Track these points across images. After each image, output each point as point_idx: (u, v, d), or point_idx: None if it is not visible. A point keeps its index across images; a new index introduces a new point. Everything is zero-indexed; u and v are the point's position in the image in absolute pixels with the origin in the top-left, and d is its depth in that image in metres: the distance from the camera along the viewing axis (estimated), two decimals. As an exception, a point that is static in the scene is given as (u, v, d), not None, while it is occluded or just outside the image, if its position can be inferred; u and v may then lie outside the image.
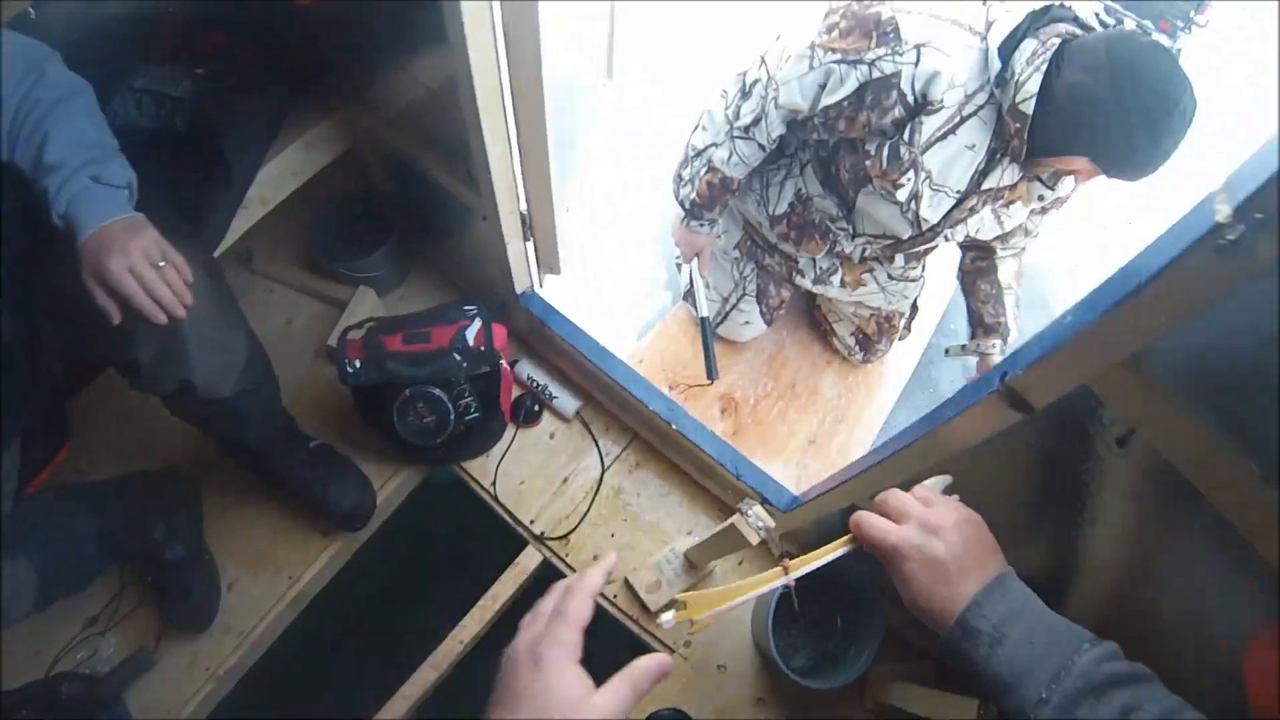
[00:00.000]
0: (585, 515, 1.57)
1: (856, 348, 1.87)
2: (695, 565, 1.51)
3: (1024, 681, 0.63)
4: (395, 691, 1.55)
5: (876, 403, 1.90)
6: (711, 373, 1.58)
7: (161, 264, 1.03)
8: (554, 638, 0.60)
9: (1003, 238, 1.56)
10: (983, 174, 1.36)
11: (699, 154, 1.52)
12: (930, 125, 1.28)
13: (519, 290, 1.56)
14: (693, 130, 1.55)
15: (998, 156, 1.34)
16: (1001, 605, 0.67)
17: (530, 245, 1.50)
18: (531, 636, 0.61)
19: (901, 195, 1.38)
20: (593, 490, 1.59)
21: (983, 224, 1.48)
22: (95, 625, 1.64)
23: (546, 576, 1.58)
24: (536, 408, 1.65)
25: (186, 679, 1.59)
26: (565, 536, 1.56)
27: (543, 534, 1.57)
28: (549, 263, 1.55)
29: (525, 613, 0.64)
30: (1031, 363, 0.71)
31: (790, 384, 1.85)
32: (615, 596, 1.53)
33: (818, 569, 0.79)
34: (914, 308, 1.89)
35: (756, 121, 1.42)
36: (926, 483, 0.80)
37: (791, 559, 0.81)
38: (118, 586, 1.65)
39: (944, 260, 1.90)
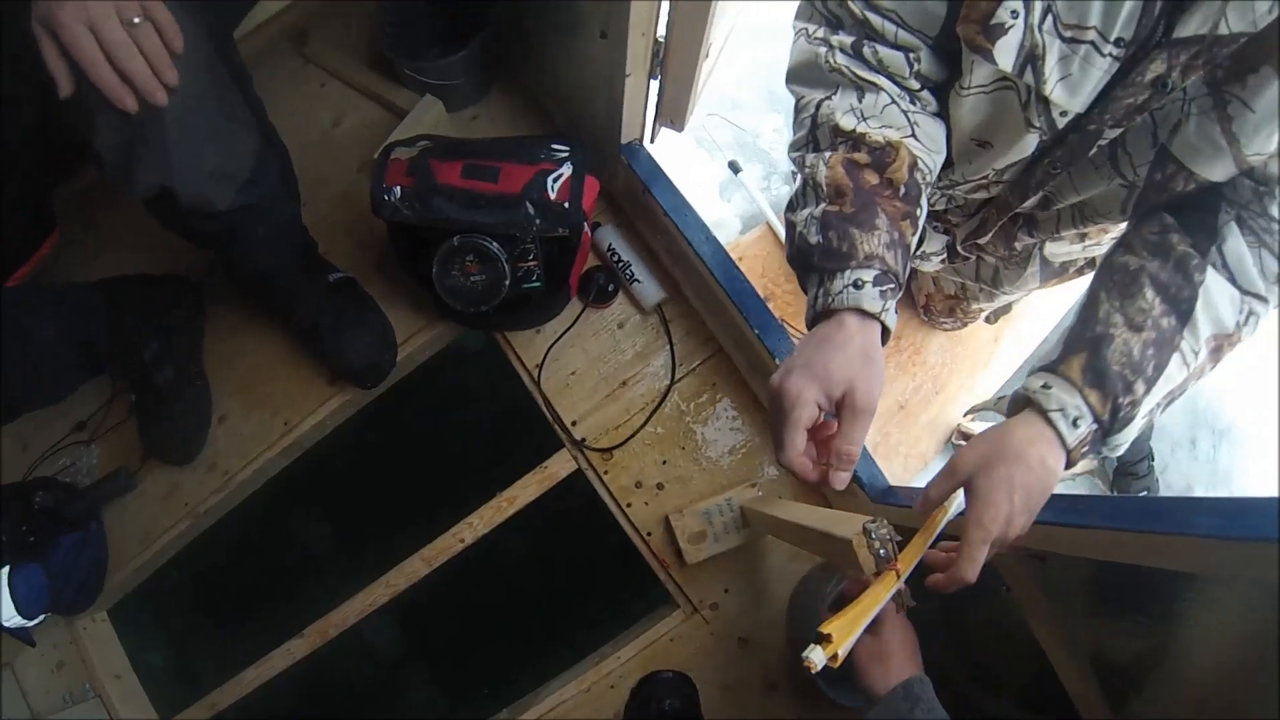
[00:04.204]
0: (639, 431, 1.30)
1: (921, 310, 1.51)
2: (749, 523, 1.25)
3: None
4: (379, 576, 1.36)
5: (975, 385, 1.57)
6: None
7: (137, 20, 0.74)
8: None
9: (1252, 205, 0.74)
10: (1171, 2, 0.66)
11: (810, 120, 0.81)
12: None
13: (625, 140, 1.22)
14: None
15: None
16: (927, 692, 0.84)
17: (655, 85, 1.15)
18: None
19: (1004, 54, 0.72)
20: (654, 403, 1.31)
21: (1188, 132, 0.73)
22: (83, 431, 1.47)
23: (576, 488, 1.33)
24: (611, 287, 1.33)
25: (164, 510, 1.44)
26: (610, 450, 1.29)
27: (583, 440, 1.30)
28: (673, 113, 1.20)
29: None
30: None
31: (896, 334, 1.51)
32: (649, 535, 1.29)
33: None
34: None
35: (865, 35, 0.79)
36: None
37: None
38: (110, 393, 1.46)
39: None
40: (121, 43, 0.73)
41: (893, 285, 0.70)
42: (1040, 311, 1.55)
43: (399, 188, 1.14)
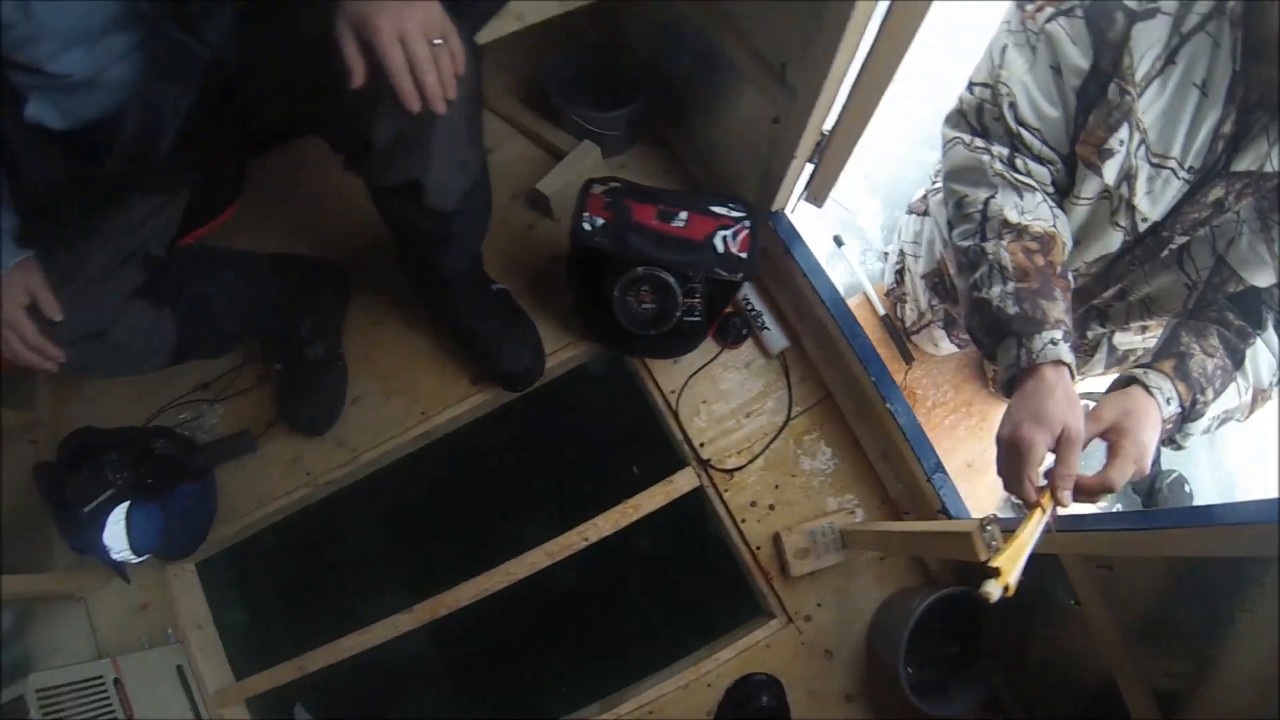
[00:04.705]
0: (757, 457, 1.48)
1: (990, 384, 1.75)
2: (847, 544, 1.43)
3: None
4: (498, 563, 1.47)
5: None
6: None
7: (438, 42, 0.86)
8: None
9: None
10: (1231, 142, 0.91)
11: (979, 214, 1.01)
12: (1146, 40, 0.87)
13: (774, 208, 1.44)
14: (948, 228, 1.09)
15: (1257, 119, 0.88)
16: None
17: (810, 167, 1.37)
18: None
19: (1110, 172, 0.96)
20: (772, 435, 1.49)
21: (1241, 246, 0.99)
22: (207, 391, 1.56)
23: (695, 503, 1.50)
24: (745, 331, 1.53)
25: (283, 476, 1.52)
26: (731, 472, 1.47)
27: (709, 460, 1.47)
28: (818, 192, 1.42)
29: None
30: None
31: (968, 401, 1.76)
32: (758, 549, 1.46)
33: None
34: None
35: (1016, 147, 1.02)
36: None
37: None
38: (240, 359, 1.57)
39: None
40: (425, 58, 0.85)
41: (1073, 340, 0.92)
42: (1093, 390, 1.81)
43: (600, 219, 1.31)
